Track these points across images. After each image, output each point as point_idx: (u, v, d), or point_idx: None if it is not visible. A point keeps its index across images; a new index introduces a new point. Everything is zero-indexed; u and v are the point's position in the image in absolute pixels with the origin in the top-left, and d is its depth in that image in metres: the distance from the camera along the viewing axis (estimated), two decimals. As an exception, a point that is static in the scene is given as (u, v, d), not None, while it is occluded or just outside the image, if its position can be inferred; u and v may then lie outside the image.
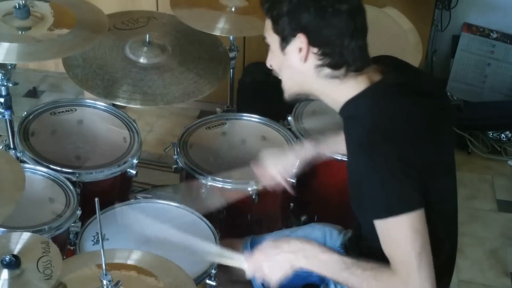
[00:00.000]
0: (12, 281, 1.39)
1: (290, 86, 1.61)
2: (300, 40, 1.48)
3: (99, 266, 1.43)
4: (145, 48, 2.32)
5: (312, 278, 1.88)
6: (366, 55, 1.53)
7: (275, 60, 1.59)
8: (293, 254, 1.59)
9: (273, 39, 1.54)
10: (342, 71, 1.51)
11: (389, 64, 1.59)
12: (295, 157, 1.98)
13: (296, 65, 1.53)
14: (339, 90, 1.53)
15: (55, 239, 1.80)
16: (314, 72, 1.52)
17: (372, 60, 1.55)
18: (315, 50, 1.49)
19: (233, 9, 2.43)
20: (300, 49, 1.49)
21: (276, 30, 1.52)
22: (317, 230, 1.95)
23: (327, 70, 1.51)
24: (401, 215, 1.44)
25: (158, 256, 1.59)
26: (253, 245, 1.92)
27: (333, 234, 1.92)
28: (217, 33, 2.37)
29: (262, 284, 1.89)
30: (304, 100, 1.67)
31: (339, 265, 1.53)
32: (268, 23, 1.55)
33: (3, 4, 2.10)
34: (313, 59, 1.50)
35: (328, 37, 1.48)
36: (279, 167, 1.96)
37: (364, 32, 1.51)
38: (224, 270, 1.87)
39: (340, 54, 1.49)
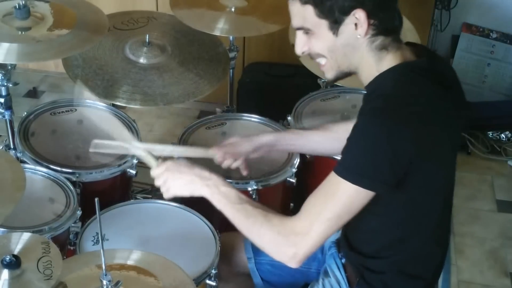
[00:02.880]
0: (12, 281, 1.39)
1: (340, 64, 1.54)
2: (357, 16, 1.45)
3: (99, 266, 1.43)
4: (145, 49, 2.33)
5: (311, 274, 1.88)
6: (400, 16, 1.52)
7: (319, 45, 1.52)
8: (199, 179, 1.64)
9: (316, 24, 1.48)
10: (390, 38, 1.49)
11: (423, 50, 1.57)
12: (250, 144, 1.96)
13: (352, 41, 1.49)
14: (383, 62, 1.51)
15: (55, 239, 1.81)
16: (368, 44, 1.49)
17: (407, 43, 1.56)
18: (372, 20, 1.46)
19: (232, 9, 2.43)
20: (356, 24, 1.46)
21: (323, 15, 1.46)
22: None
23: (379, 40, 1.49)
24: (354, 184, 1.43)
25: (158, 256, 1.59)
26: None
27: None
28: (216, 33, 2.38)
29: (261, 278, 1.90)
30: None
31: (234, 199, 1.59)
32: (307, 9, 1.47)
33: (3, 5, 2.11)
34: (369, 30, 1.47)
35: (384, 2, 1.46)
36: (232, 149, 1.95)
37: None
38: (226, 263, 1.88)
39: (391, 18, 1.49)
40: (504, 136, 3.40)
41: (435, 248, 1.67)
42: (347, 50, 1.50)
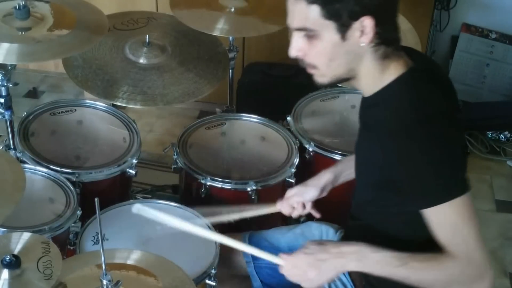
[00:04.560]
0: (12, 281, 1.40)
1: (338, 70, 1.49)
2: (364, 23, 1.40)
3: (99, 266, 1.43)
4: (144, 49, 2.33)
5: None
6: (399, 28, 1.50)
7: (320, 49, 1.46)
8: (344, 258, 1.52)
9: (323, 26, 1.42)
10: (391, 48, 1.47)
11: (413, 53, 1.56)
12: (316, 188, 1.90)
13: (354, 48, 1.44)
14: (387, 70, 1.48)
15: (55, 239, 1.81)
16: (371, 52, 1.46)
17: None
18: (377, 29, 1.42)
19: (232, 10, 2.43)
20: (362, 31, 1.42)
21: (330, 16, 1.41)
22: (314, 228, 1.96)
23: (383, 49, 1.46)
24: (457, 198, 1.42)
25: (158, 256, 1.59)
26: (251, 241, 1.93)
27: (330, 233, 1.93)
28: (216, 33, 2.38)
29: (261, 281, 1.90)
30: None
31: (394, 262, 1.47)
32: (312, 9, 1.41)
33: (3, 5, 2.11)
34: (373, 37, 1.43)
35: (390, 11, 1.44)
36: (299, 198, 1.90)
37: None
38: (223, 265, 1.88)
39: (394, 29, 1.46)
40: (503, 136, 3.41)
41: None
42: (349, 57, 1.46)
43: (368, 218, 1.68)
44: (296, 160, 2.25)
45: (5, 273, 1.40)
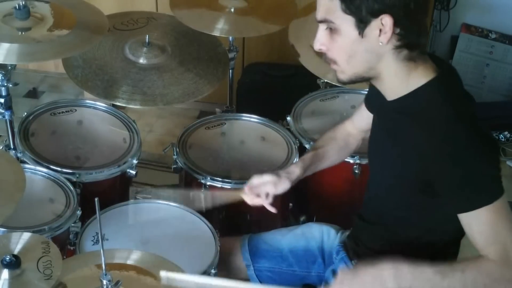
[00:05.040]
0: (12, 281, 1.40)
1: (357, 68, 1.48)
2: (383, 21, 1.38)
3: (99, 266, 1.43)
4: (144, 49, 2.33)
5: (311, 278, 1.89)
6: (427, 33, 1.47)
7: (341, 45, 1.45)
8: (382, 276, 1.44)
9: (342, 20, 1.41)
10: (416, 52, 1.45)
11: (434, 57, 1.53)
12: (289, 182, 1.82)
13: (374, 47, 1.42)
14: (414, 74, 1.47)
15: (55, 239, 1.81)
16: (393, 54, 1.43)
17: None
18: (397, 30, 1.39)
19: (232, 10, 2.43)
20: (381, 30, 1.40)
21: (350, 11, 1.39)
22: (314, 229, 1.95)
23: (405, 51, 1.43)
24: (499, 199, 1.41)
25: (158, 256, 1.59)
26: (251, 244, 1.93)
27: (331, 234, 1.92)
28: (216, 33, 2.38)
29: (260, 281, 1.90)
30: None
31: (437, 277, 1.42)
32: (335, 2, 1.40)
33: (3, 5, 2.11)
34: (393, 40, 1.41)
35: (414, 14, 1.40)
36: (271, 189, 1.80)
37: None
38: (222, 268, 1.88)
39: (418, 33, 1.43)
40: (503, 137, 3.41)
41: (456, 245, 1.68)
42: (369, 56, 1.45)
43: (385, 221, 1.68)
44: (296, 160, 2.25)
45: (5, 273, 1.40)
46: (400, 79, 1.48)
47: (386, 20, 1.38)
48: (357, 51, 1.45)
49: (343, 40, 1.44)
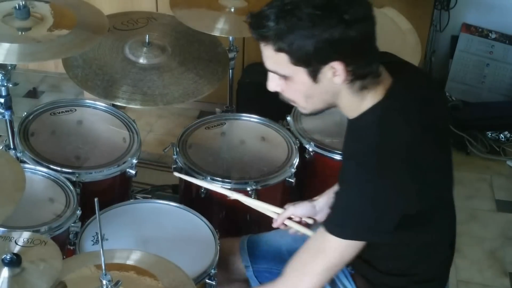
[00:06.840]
0: (12, 279, 1.40)
1: (317, 105, 1.51)
2: (335, 66, 1.39)
3: (99, 266, 1.43)
4: (144, 49, 2.33)
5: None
6: (378, 56, 1.48)
7: (295, 90, 1.47)
8: None
9: (294, 70, 1.42)
10: (368, 79, 1.45)
11: (393, 66, 1.53)
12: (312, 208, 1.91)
13: (329, 88, 1.44)
14: (364, 101, 1.48)
15: (55, 239, 1.80)
16: (347, 88, 1.45)
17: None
18: (350, 68, 1.40)
19: (232, 10, 2.43)
20: (334, 73, 1.41)
21: (300, 63, 1.40)
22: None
23: (358, 83, 1.44)
24: (348, 240, 1.46)
25: (157, 256, 1.60)
26: (250, 245, 1.93)
27: None
28: (216, 33, 2.38)
29: (259, 282, 1.90)
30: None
31: None
32: (281, 56, 1.40)
33: (3, 5, 2.11)
34: (346, 77, 1.42)
35: (361, 50, 1.41)
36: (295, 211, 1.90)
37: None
38: (221, 269, 1.88)
39: (369, 61, 1.44)
40: (503, 136, 3.41)
41: (448, 250, 1.69)
42: (326, 95, 1.47)
43: None
44: (296, 160, 2.25)
45: (5, 271, 1.40)
46: (355, 105, 1.50)
47: (337, 65, 1.39)
48: (314, 94, 1.47)
49: (298, 86, 1.46)
